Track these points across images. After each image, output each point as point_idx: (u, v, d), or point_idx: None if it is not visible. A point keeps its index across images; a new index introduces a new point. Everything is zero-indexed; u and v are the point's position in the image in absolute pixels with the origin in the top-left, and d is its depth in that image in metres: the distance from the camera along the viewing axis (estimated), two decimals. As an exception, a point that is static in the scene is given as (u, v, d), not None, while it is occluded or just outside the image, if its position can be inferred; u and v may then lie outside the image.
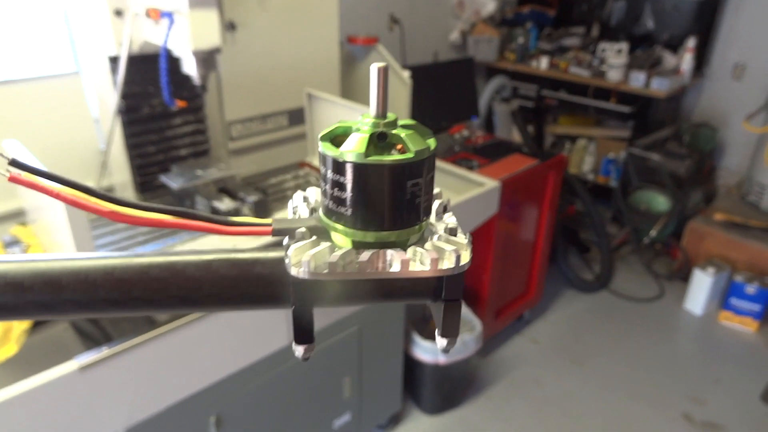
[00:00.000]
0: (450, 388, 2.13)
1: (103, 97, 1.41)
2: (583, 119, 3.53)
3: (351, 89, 2.06)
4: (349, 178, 0.31)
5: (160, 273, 0.33)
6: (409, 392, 2.16)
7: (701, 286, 2.68)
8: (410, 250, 0.32)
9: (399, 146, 0.32)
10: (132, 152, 1.44)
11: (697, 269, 2.69)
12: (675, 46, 3.20)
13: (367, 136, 0.31)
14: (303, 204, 0.37)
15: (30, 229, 1.36)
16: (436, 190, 0.36)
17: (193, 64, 1.26)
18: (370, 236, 0.32)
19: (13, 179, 0.30)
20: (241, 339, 1.33)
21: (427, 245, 0.32)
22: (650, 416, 2.17)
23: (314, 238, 0.32)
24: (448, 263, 0.32)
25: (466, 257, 0.32)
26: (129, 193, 1.48)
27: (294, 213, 0.37)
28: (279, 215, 1.47)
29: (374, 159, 0.30)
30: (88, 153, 1.50)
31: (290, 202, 0.38)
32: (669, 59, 3.15)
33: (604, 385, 2.32)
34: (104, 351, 1.07)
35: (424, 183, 0.32)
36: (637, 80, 3.02)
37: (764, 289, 2.54)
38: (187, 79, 1.37)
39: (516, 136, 3.12)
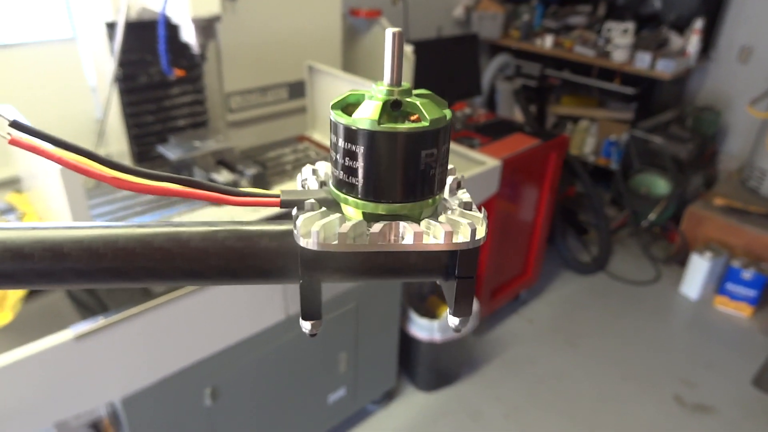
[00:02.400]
0: (445, 365, 2.15)
1: (100, 65, 1.38)
2: (586, 100, 3.50)
3: (352, 62, 2.03)
4: (361, 147, 0.29)
5: (165, 243, 0.31)
6: (404, 369, 2.17)
7: (698, 270, 2.69)
8: (424, 222, 0.31)
9: (414, 117, 0.30)
10: (129, 122, 1.42)
11: (694, 253, 2.70)
12: (682, 28, 3.16)
13: (380, 103, 0.29)
14: (312, 177, 0.35)
15: (25, 196, 1.34)
16: (450, 166, 0.35)
17: (192, 32, 1.23)
18: (381, 208, 0.31)
19: (14, 142, 0.29)
20: (238, 312, 1.33)
21: (441, 218, 0.31)
22: (641, 397, 2.19)
23: (323, 209, 0.31)
24: (462, 237, 0.30)
25: (481, 231, 0.31)
26: (126, 163, 1.46)
27: (303, 186, 0.35)
28: (278, 189, 1.45)
29: (388, 126, 0.29)
30: (84, 121, 1.48)
31: (299, 175, 0.36)
32: (675, 40, 3.11)
33: (596, 365, 2.34)
34: (100, 321, 1.07)
35: (439, 154, 0.30)
36: (643, 61, 2.98)
37: (761, 274, 2.54)
38: (185, 47, 1.34)
39: (518, 116, 3.09)
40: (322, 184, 0.35)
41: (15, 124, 0.29)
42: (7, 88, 1.35)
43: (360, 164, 0.30)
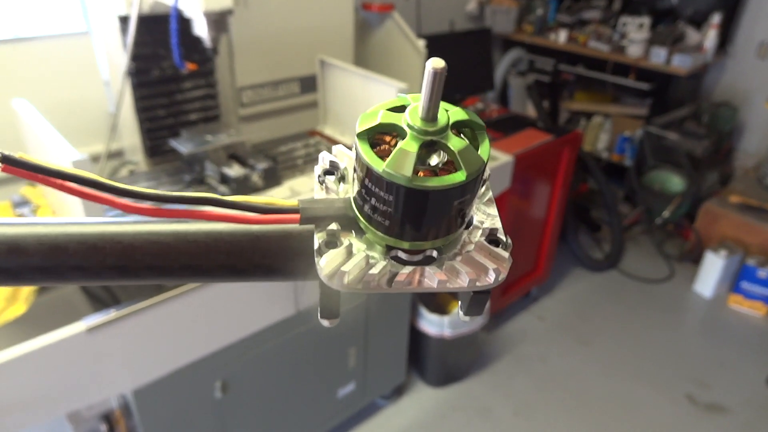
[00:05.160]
0: (454, 361, 2.14)
1: (113, 59, 1.39)
2: (600, 95, 3.46)
3: (364, 57, 2.02)
4: (390, 196, 0.28)
5: (169, 239, 0.31)
6: (413, 364, 2.17)
7: (712, 268, 2.65)
8: (447, 266, 0.30)
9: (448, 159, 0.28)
10: (141, 115, 1.42)
11: (709, 251, 2.66)
12: (699, 22, 3.11)
13: (414, 153, 0.27)
14: (330, 178, 0.33)
15: (39, 189, 1.36)
16: None
17: (204, 26, 1.23)
18: (406, 244, 0.29)
19: (6, 170, 0.27)
20: (249, 306, 1.34)
21: (465, 258, 0.30)
22: (653, 397, 2.17)
23: (347, 243, 0.30)
24: (486, 281, 0.30)
25: (505, 273, 0.30)
26: (139, 157, 1.47)
27: (321, 182, 0.34)
28: (289, 183, 1.45)
29: (422, 184, 0.27)
30: (97, 115, 1.49)
31: (316, 168, 0.34)
32: (692, 35, 3.06)
33: (608, 364, 2.32)
34: (112, 313, 1.08)
35: (472, 197, 0.29)
36: (658, 56, 2.94)
37: (776, 273, 2.51)
38: (198, 41, 1.34)
39: (531, 111, 3.06)
40: (342, 178, 0.33)
41: (5, 160, 0.27)
42: (21, 81, 1.36)
43: (387, 209, 0.28)
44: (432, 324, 1.99)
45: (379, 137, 0.29)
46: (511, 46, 3.29)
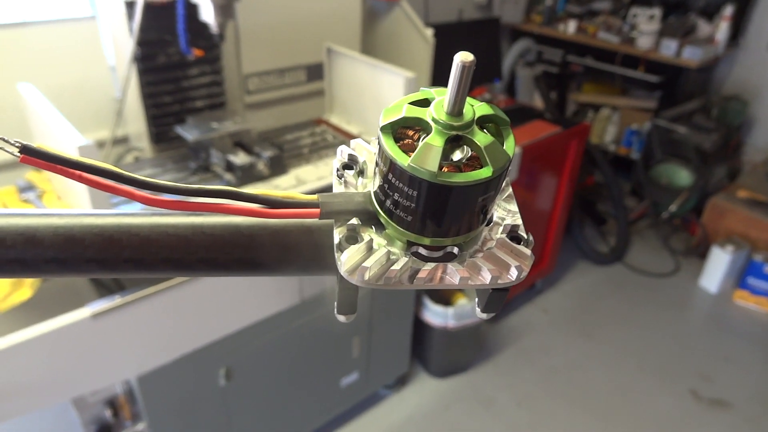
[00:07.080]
0: (458, 352, 2.14)
1: (119, 44, 1.38)
2: (609, 88, 3.43)
3: (372, 45, 2.00)
4: (414, 191, 0.27)
5: (188, 233, 0.30)
6: (416, 354, 2.17)
7: (718, 263, 2.64)
8: (469, 263, 0.30)
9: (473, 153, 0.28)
10: (147, 102, 1.41)
11: (715, 246, 2.65)
12: (710, 14, 3.07)
13: (440, 148, 0.26)
14: (349, 172, 0.33)
15: (45, 174, 1.35)
16: None
17: (210, 12, 1.22)
18: (427, 240, 0.29)
19: (25, 160, 0.27)
20: (254, 294, 1.33)
21: (487, 255, 0.30)
22: (657, 391, 2.17)
23: (368, 238, 0.29)
24: (508, 278, 0.30)
25: (527, 271, 0.30)
26: (144, 144, 1.47)
27: (339, 176, 0.33)
28: (295, 172, 1.45)
29: (447, 179, 0.26)
30: (103, 100, 1.48)
31: (334, 161, 0.34)
32: (703, 27, 3.02)
33: (612, 357, 2.31)
34: (117, 299, 1.08)
35: (496, 193, 0.29)
36: (669, 48, 2.90)
37: (783, 269, 2.49)
38: (204, 27, 1.33)
39: (538, 102, 3.04)
40: (361, 172, 0.33)
41: (25, 150, 0.27)
42: (27, 65, 1.35)
43: (410, 204, 0.28)
44: (436, 315, 1.99)
45: (402, 131, 0.28)
46: (519, 36, 3.26)
